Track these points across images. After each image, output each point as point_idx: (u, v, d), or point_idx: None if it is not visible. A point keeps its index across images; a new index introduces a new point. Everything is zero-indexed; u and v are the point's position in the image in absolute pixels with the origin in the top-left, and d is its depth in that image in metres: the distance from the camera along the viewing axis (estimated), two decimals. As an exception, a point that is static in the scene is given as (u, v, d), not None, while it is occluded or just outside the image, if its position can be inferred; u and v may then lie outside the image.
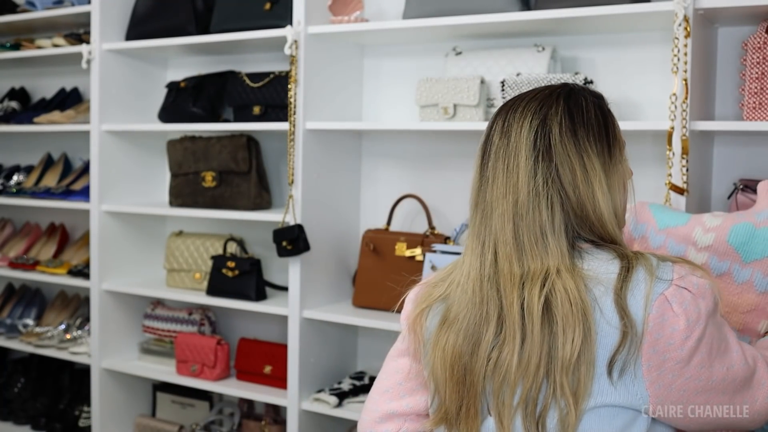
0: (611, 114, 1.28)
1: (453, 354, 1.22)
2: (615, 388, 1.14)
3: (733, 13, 2.04)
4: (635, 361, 1.13)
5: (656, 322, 1.13)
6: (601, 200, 1.20)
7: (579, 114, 1.23)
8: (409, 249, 2.47)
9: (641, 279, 1.15)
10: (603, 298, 1.14)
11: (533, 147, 1.20)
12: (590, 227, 1.20)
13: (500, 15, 2.23)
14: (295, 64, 2.50)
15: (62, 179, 3.39)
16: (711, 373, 1.16)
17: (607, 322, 1.13)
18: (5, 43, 3.35)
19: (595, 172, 1.20)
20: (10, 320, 3.43)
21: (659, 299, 1.13)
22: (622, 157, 1.27)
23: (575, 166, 1.19)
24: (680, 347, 1.13)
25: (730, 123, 2.08)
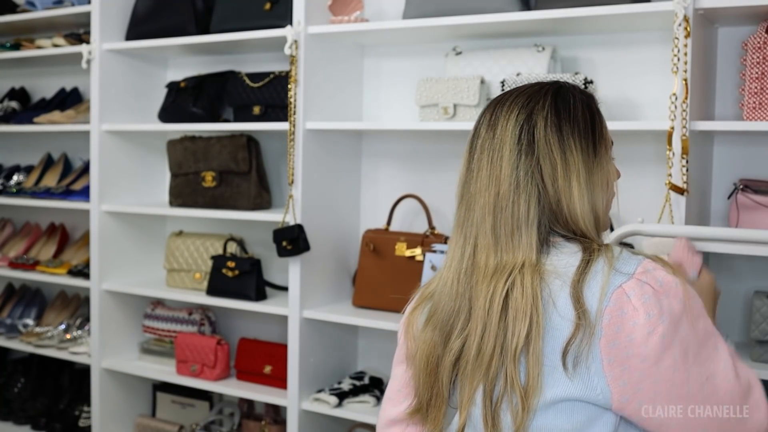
0: (599, 113, 1.28)
1: (429, 346, 1.24)
2: (571, 380, 1.13)
3: (733, 13, 2.04)
4: (589, 353, 1.11)
5: (614, 315, 1.11)
6: (576, 196, 1.20)
7: (566, 110, 1.23)
8: (409, 249, 2.47)
9: (599, 270, 1.14)
10: (558, 292, 1.14)
11: (518, 141, 1.21)
12: (564, 222, 1.20)
13: (500, 15, 2.23)
14: (295, 64, 2.50)
15: (62, 179, 3.39)
16: (687, 377, 1.13)
17: (561, 315, 1.13)
18: (5, 43, 3.35)
19: (576, 168, 1.20)
20: (10, 320, 3.43)
21: (617, 292, 1.12)
22: (608, 156, 1.27)
23: (556, 161, 1.20)
24: (643, 344, 1.10)
25: (730, 123, 2.08)
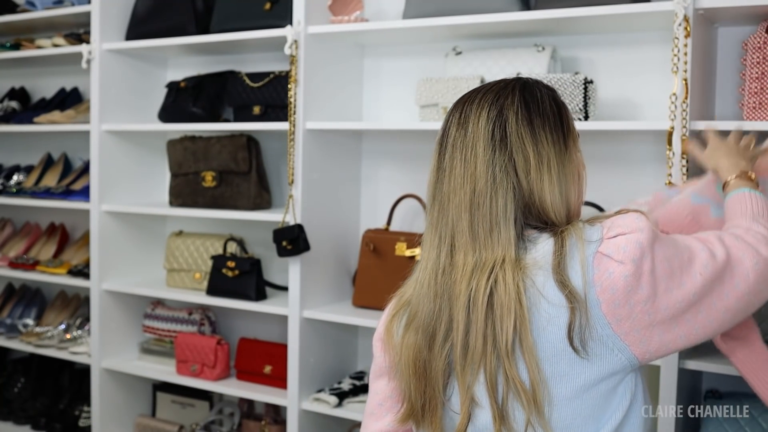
0: (565, 105, 1.29)
1: (414, 350, 1.24)
2: (590, 362, 1.15)
3: (733, 13, 2.04)
4: (594, 327, 1.14)
5: (603, 279, 1.14)
6: (548, 188, 1.20)
7: (534, 104, 1.24)
8: (409, 249, 2.47)
9: (574, 247, 1.16)
10: (545, 283, 1.15)
11: (491, 137, 1.21)
12: (536, 214, 1.21)
13: (500, 15, 2.23)
14: (295, 64, 2.50)
15: (62, 179, 3.40)
16: (685, 290, 1.17)
17: (553, 305, 1.14)
18: (5, 43, 3.35)
19: (548, 161, 1.21)
20: (10, 320, 3.43)
21: (596, 258, 1.15)
22: (576, 147, 1.27)
23: (529, 154, 1.20)
24: (638, 287, 1.14)
25: (730, 123, 2.07)
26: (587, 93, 2.13)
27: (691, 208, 1.60)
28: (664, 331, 1.17)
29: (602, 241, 1.16)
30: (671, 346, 1.18)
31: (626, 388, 1.18)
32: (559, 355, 1.15)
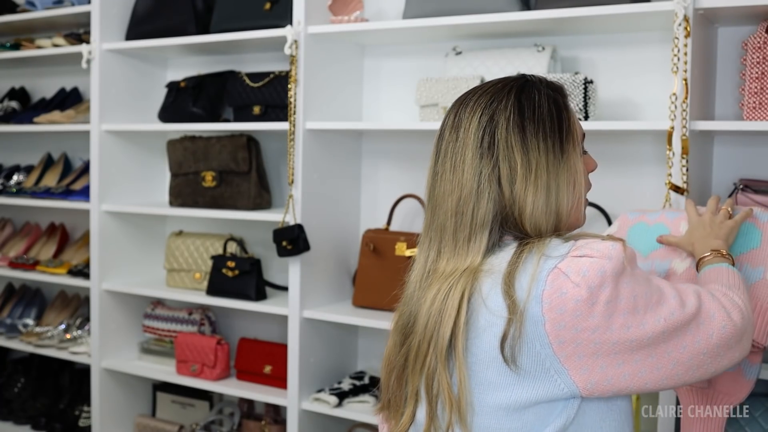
0: (567, 107, 1.26)
1: (389, 350, 1.28)
2: (522, 378, 1.13)
3: (733, 13, 2.04)
4: (533, 343, 1.12)
5: (554, 298, 1.11)
6: (531, 199, 1.19)
7: (530, 108, 1.22)
8: (409, 249, 2.47)
9: (529, 259, 1.14)
10: (489, 291, 1.15)
11: (480, 143, 1.20)
12: (514, 224, 1.20)
13: (500, 15, 2.23)
14: (295, 64, 2.50)
15: (62, 179, 3.40)
16: (642, 330, 1.13)
17: (493, 313, 1.13)
18: (5, 43, 3.35)
19: (537, 170, 1.19)
20: (10, 320, 3.43)
21: (553, 273, 1.12)
22: (577, 151, 1.25)
23: (516, 163, 1.19)
24: (589, 315, 1.10)
25: (730, 123, 2.08)
26: (587, 93, 2.13)
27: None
28: (609, 365, 1.12)
29: (565, 258, 1.13)
30: (615, 383, 1.13)
31: (561, 423, 1.14)
32: (491, 363, 1.14)
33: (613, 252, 1.13)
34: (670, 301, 1.17)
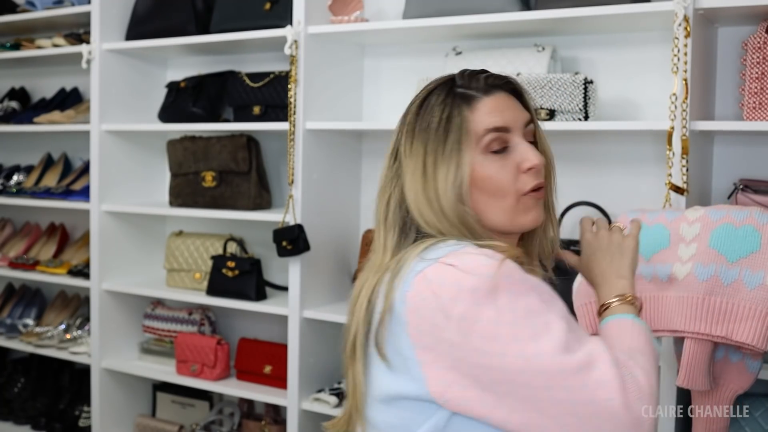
0: (459, 105, 1.22)
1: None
2: (393, 374, 1.15)
3: (733, 13, 2.04)
4: (394, 341, 1.13)
5: (416, 301, 1.10)
6: (412, 196, 1.22)
7: (425, 110, 1.24)
8: (409, 249, 2.47)
9: (408, 259, 1.16)
10: (381, 287, 1.18)
11: (392, 149, 1.29)
12: (419, 224, 1.22)
13: (500, 15, 2.23)
14: (295, 64, 2.50)
15: (62, 179, 3.39)
16: (502, 362, 1.05)
17: (380, 307, 1.17)
18: (5, 43, 3.35)
19: (423, 170, 1.21)
20: (10, 320, 3.43)
21: (419, 276, 1.12)
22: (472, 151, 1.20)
23: (407, 165, 1.23)
24: (446, 327, 1.07)
25: (730, 123, 2.08)
26: (587, 93, 2.13)
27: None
28: (468, 386, 1.08)
29: (435, 263, 1.11)
30: (474, 408, 1.08)
31: (431, 428, 1.11)
32: (377, 356, 1.17)
33: (480, 269, 1.08)
34: (548, 341, 1.05)
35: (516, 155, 1.23)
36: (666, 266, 1.65)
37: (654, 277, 1.67)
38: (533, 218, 1.24)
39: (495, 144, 1.22)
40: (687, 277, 1.60)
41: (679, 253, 1.64)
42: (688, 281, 1.60)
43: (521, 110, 1.26)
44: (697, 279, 1.59)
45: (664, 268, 1.65)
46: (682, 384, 1.61)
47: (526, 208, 1.23)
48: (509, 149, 1.23)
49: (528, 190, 1.22)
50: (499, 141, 1.22)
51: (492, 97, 1.24)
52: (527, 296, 1.09)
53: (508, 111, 1.24)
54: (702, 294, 1.58)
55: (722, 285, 1.57)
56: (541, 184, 1.24)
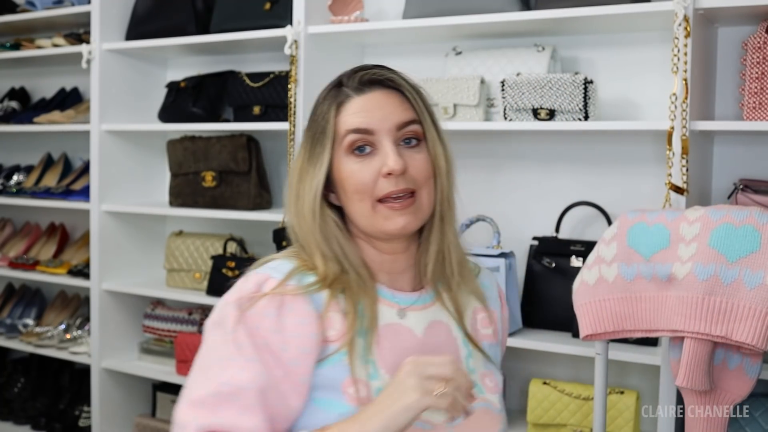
0: (330, 105, 1.21)
1: None
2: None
3: (733, 13, 2.04)
4: None
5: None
6: (290, 201, 1.24)
7: (313, 110, 1.26)
8: (409, 249, 2.47)
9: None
10: None
11: None
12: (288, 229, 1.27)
13: (500, 15, 2.23)
14: (295, 64, 2.50)
15: (62, 179, 3.39)
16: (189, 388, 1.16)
17: None
18: (5, 43, 3.35)
19: (293, 175, 1.23)
20: (10, 320, 3.43)
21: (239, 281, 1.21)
22: (331, 151, 1.20)
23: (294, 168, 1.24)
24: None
25: (730, 123, 2.08)
26: (587, 93, 2.13)
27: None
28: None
29: (250, 271, 1.19)
30: None
31: None
32: None
33: (231, 297, 1.16)
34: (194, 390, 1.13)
35: (379, 158, 1.18)
36: (666, 266, 1.65)
37: (654, 276, 1.67)
38: (396, 226, 1.18)
39: (356, 145, 1.19)
40: (687, 277, 1.60)
41: (679, 253, 1.64)
42: (687, 281, 1.60)
43: (401, 110, 1.20)
44: (697, 279, 1.59)
45: (663, 268, 1.65)
46: (682, 383, 1.61)
47: (384, 215, 1.18)
48: (375, 151, 1.19)
49: (383, 196, 1.17)
50: (361, 142, 1.19)
51: (364, 96, 1.20)
52: (224, 344, 1.13)
53: (377, 111, 1.19)
54: (702, 294, 1.58)
55: (722, 285, 1.57)
56: (399, 192, 1.17)
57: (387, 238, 1.21)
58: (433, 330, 1.24)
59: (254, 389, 1.08)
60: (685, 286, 1.60)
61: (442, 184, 1.23)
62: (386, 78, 1.22)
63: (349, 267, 1.20)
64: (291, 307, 1.13)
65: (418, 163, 1.19)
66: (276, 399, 1.10)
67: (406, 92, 1.22)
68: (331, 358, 1.14)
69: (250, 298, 1.13)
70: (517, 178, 2.49)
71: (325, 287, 1.17)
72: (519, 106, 2.20)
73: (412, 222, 1.19)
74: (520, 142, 2.48)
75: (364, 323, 1.17)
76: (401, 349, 1.18)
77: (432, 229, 1.23)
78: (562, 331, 2.25)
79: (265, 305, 1.13)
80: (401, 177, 1.17)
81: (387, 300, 1.22)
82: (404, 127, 1.20)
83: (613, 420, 2.15)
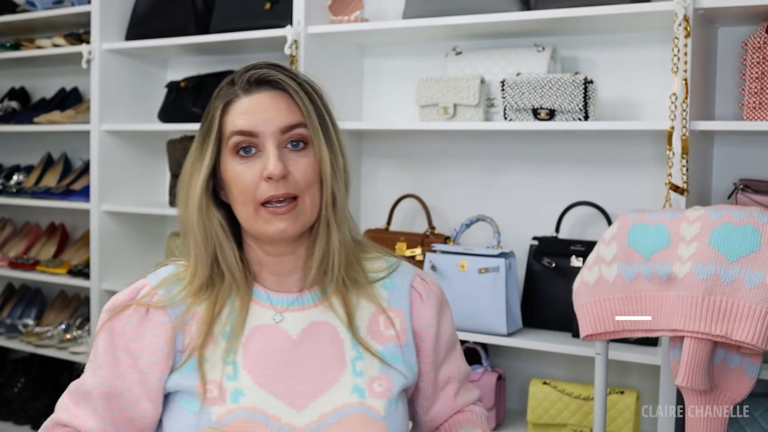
0: (218, 105, 1.23)
1: None
2: None
3: (733, 13, 2.04)
4: None
5: None
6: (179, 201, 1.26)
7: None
8: (409, 249, 2.47)
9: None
10: None
11: None
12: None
13: (500, 15, 2.23)
14: (295, 64, 2.50)
15: (62, 179, 3.39)
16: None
17: None
18: (5, 43, 3.35)
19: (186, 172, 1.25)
20: (10, 320, 3.43)
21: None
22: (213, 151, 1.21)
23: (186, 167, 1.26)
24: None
25: (730, 123, 2.08)
26: (587, 93, 2.13)
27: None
28: None
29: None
30: None
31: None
32: None
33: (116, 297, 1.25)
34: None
35: (262, 162, 1.17)
36: (666, 266, 1.65)
37: (654, 276, 1.67)
38: (276, 230, 1.17)
39: (240, 146, 1.18)
40: (687, 277, 1.60)
41: (679, 253, 1.64)
42: (688, 280, 1.60)
43: (286, 113, 1.19)
44: (697, 278, 1.59)
45: (664, 268, 1.65)
46: (682, 383, 1.61)
47: (265, 219, 1.17)
48: (260, 153, 1.18)
49: (264, 200, 1.16)
50: (245, 144, 1.18)
51: (251, 97, 1.20)
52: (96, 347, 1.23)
53: (262, 113, 1.18)
54: (702, 293, 1.58)
55: (722, 284, 1.57)
56: (280, 196, 1.16)
57: (269, 241, 1.21)
58: (312, 331, 1.22)
59: (98, 395, 1.20)
60: (685, 286, 1.60)
61: (326, 189, 1.20)
62: (275, 79, 1.20)
63: (225, 268, 1.21)
64: (151, 317, 1.20)
65: (301, 167, 1.18)
66: (125, 403, 1.19)
67: (294, 94, 1.20)
68: (184, 366, 1.19)
69: (123, 306, 1.22)
70: (517, 178, 2.49)
71: (189, 296, 1.21)
72: (519, 106, 2.20)
73: (291, 227, 1.17)
74: (520, 142, 2.48)
75: (229, 326, 1.20)
76: (271, 351, 1.19)
77: (318, 233, 1.22)
78: (562, 331, 2.25)
79: (131, 314, 1.21)
80: (282, 181, 1.16)
81: (262, 302, 1.23)
82: (289, 130, 1.18)
83: (613, 420, 2.15)
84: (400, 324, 1.26)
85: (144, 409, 1.19)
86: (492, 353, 2.44)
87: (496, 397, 2.29)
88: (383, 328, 1.25)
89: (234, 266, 1.21)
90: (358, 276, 1.26)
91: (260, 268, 1.24)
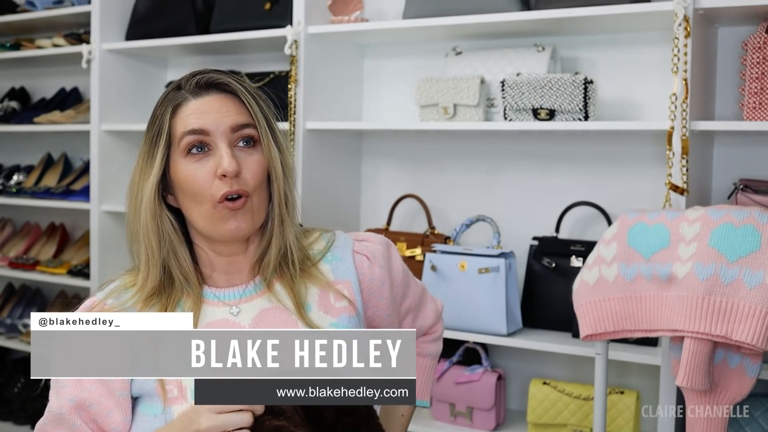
0: (166, 108, 1.25)
1: None
2: None
3: (733, 13, 2.05)
4: None
5: None
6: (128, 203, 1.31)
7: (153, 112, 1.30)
8: (410, 249, 2.47)
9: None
10: None
11: None
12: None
13: (500, 15, 2.23)
14: (295, 64, 2.50)
15: (62, 179, 3.39)
16: None
17: None
18: (5, 43, 3.35)
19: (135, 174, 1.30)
20: (10, 320, 3.43)
21: None
22: (172, 150, 1.24)
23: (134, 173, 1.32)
24: None
25: (730, 123, 2.08)
26: (587, 93, 2.13)
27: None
28: None
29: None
30: None
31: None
32: None
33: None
34: (49, 408, 1.23)
35: (215, 160, 1.20)
36: (666, 266, 1.65)
37: (654, 276, 1.67)
38: (232, 228, 1.20)
39: (192, 145, 1.21)
40: (687, 277, 1.60)
41: (679, 253, 1.64)
42: (688, 280, 1.60)
43: (236, 113, 1.22)
44: (697, 278, 1.59)
45: (664, 268, 1.65)
46: (682, 383, 1.61)
47: (222, 216, 1.20)
48: (211, 152, 1.21)
49: (219, 197, 1.19)
50: (197, 142, 1.21)
51: (199, 99, 1.22)
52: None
53: (213, 114, 1.21)
54: (702, 293, 1.58)
55: (722, 284, 1.57)
56: (233, 193, 1.19)
57: (224, 240, 1.23)
58: (265, 317, 1.25)
59: (69, 411, 1.18)
60: (685, 286, 1.60)
61: (279, 187, 1.24)
62: (222, 82, 1.23)
63: (177, 272, 1.23)
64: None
65: (252, 165, 1.21)
66: (96, 415, 1.19)
67: (242, 96, 1.23)
68: None
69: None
70: (517, 178, 2.49)
71: (140, 302, 1.22)
72: (519, 106, 2.20)
73: (245, 226, 1.21)
74: (520, 142, 2.48)
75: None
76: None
77: (273, 231, 1.25)
78: (562, 331, 2.25)
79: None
80: (235, 179, 1.19)
81: (212, 300, 1.25)
82: (239, 129, 1.22)
83: (613, 420, 2.15)
84: (349, 294, 1.30)
85: (114, 420, 1.19)
86: (492, 353, 2.44)
87: (496, 397, 2.29)
88: (334, 301, 1.29)
89: (187, 268, 1.24)
90: (305, 262, 1.30)
91: (211, 270, 1.27)
